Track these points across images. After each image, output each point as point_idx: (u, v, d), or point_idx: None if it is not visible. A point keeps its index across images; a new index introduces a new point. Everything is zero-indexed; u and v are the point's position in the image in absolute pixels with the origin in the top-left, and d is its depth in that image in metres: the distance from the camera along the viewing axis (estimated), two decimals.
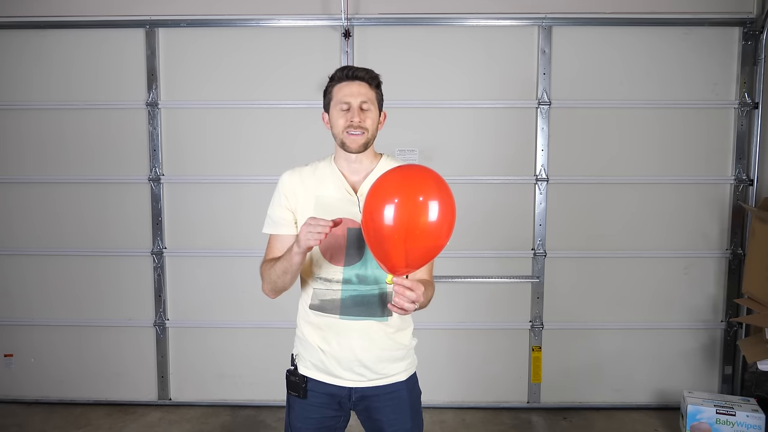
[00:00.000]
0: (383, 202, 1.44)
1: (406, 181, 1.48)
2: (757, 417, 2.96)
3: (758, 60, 3.23)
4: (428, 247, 1.47)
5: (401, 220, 1.42)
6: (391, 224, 1.42)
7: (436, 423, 3.29)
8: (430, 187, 1.46)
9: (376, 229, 1.45)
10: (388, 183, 1.48)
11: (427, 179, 1.48)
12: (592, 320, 3.44)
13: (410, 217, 1.43)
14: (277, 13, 3.28)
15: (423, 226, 1.43)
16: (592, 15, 3.25)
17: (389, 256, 1.46)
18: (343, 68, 1.72)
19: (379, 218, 1.43)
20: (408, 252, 1.45)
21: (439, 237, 1.47)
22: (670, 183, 3.36)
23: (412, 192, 1.45)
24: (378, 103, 1.73)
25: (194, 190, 3.40)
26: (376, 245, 1.47)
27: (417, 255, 1.47)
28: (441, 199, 1.45)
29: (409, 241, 1.43)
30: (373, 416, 1.77)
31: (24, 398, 3.54)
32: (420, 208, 1.43)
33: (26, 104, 3.39)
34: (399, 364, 1.76)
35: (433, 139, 3.35)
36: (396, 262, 1.46)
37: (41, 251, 3.46)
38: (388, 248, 1.45)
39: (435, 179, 1.48)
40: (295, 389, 1.76)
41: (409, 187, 1.46)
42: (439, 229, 1.45)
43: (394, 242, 1.44)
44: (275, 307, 3.35)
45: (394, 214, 1.42)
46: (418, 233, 1.43)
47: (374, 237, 1.47)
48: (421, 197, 1.44)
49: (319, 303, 1.72)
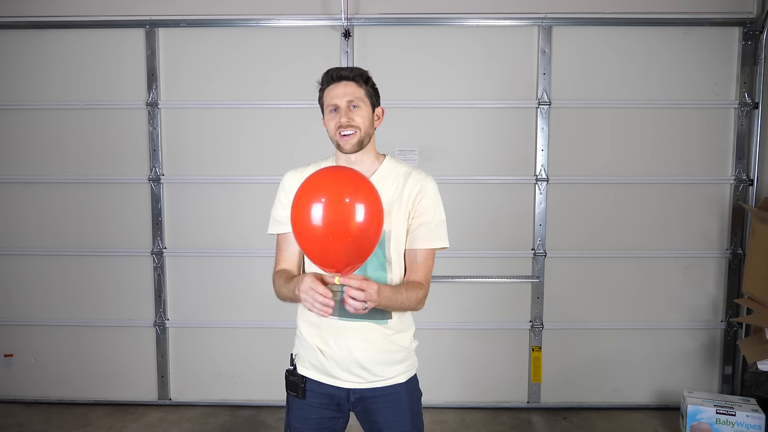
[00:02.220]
0: (312, 203, 1.43)
1: (333, 182, 1.48)
2: (757, 417, 2.96)
3: (758, 60, 3.23)
4: (362, 246, 1.47)
5: (332, 221, 1.42)
6: (322, 224, 1.42)
7: (436, 423, 3.29)
8: (355, 188, 1.46)
9: (307, 230, 1.45)
10: (315, 184, 1.48)
11: (352, 180, 1.48)
12: (592, 320, 3.44)
13: (340, 218, 1.42)
14: (277, 13, 3.28)
15: (353, 227, 1.43)
16: (592, 15, 3.25)
17: (328, 257, 1.46)
18: (328, 71, 1.71)
19: (308, 219, 1.43)
20: (344, 251, 1.44)
21: (368, 236, 1.47)
22: (670, 183, 3.36)
23: (340, 192, 1.45)
24: (370, 99, 1.71)
25: (194, 190, 3.40)
26: (311, 246, 1.47)
27: (352, 253, 1.46)
28: (368, 200, 1.45)
29: (341, 241, 1.43)
30: (371, 418, 1.76)
31: (24, 398, 3.54)
32: (348, 208, 1.43)
33: (26, 104, 3.39)
34: (398, 367, 1.75)
35: (433, 139, 3.35)
36: (335, 262, 1.46)
37: (41, 251, 3.46)
38: (324, 249, 1.45)
39: (360, 180, 1.49)
40: (294, 389, 1.76)
41: (336, 188, 1.46)
42: (368, 228, 1.45)
43: (329, 243, 1.43)
44: (275, 307, 3.35)
45: (325, 215, 1.42)
46: (349, 233, 1.43)
47: (306, 239, 1.46)
48: (347, 198, 1.43)
49: None
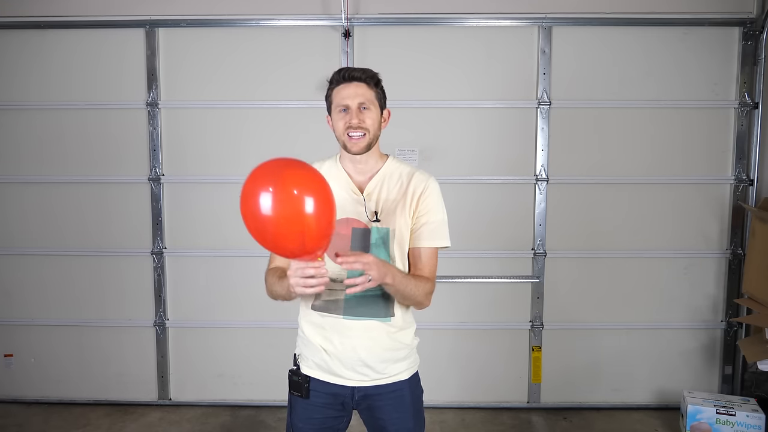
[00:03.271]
0: (269, 195, 1.40)
1: (282, 172, 1.45)
2: (757, 417, 2.96)
3: (758, 60, 3.23)
4: (323, 227, 1.44)
5: (284, 210, 1.39)
6: (275, 215, 1.39)
7: (436, 423, 3.29)
8: (300, 177, 1.44)
9: (259, 230, 1.43)
10: (263, 176, 1.44)
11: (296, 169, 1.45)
12: (592, 320, 3.44)
13: (292, 206, 1.40)
14: (277, 13, 3.28)
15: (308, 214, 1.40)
16: (592, 15, 3.25)
17: (303, 245, 1.43)
18: (339, 70, 1.72)
19: (266, 211, 1.40)
20: (303, 237, 1.42)
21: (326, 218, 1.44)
22: (670, 183, 3.36)
23: (287, 184, 1.42)
24: (379, 102, 1.72)
25: (194, 190, 3.40)
26: (266, 242, 1.44)
27: (314, 236, 1.43)
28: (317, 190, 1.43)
29: (291, 229, 1.40)
30: (375, 415, 1.77)
31: (24, 398, 3.54)
32: (298, 198, 1.40)
33: (26, 104, 3.39)
34: (401, 364, 1.76)
35: (433, 139, 3.35)
36: (306, 248, 1.44)
37: (41, 251, 3.46)
38: (290, 238, 1.42)
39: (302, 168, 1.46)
40: (298, 389, 1.76)
41: (285, 180, 1.43)
42: (317, 208, 1.42)
43: (281, 235, 1.41)
44: (275, 306, 3.33)
45: (275, 206, 1.39)
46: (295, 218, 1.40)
47: (261, 237, 1.44)
48: (295, 190, 1.41)
49: (321, 303, 1.71)
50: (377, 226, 1.70)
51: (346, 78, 1.69)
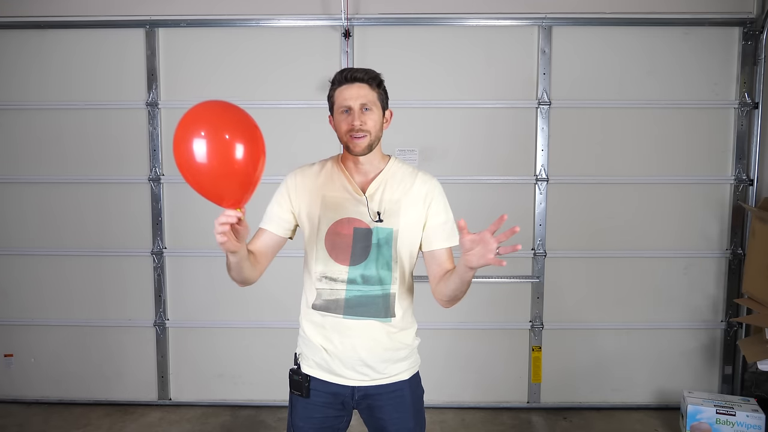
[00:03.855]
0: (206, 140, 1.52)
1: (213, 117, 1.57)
2: (757, 417, 2.96)
3: (758, 60, 3.23)
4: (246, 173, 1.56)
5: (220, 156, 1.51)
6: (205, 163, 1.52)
7: (436, 423, 3.29)
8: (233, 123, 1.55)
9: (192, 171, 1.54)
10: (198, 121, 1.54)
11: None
12: (592, 320, 3.44)
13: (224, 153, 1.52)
14: (277, 13, 3.28)
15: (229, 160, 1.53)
16: (592, 15, 3.25)
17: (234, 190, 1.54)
18: (342, 71, 1.72)
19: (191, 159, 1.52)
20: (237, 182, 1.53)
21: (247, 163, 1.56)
22: (670, 183, 3.36)
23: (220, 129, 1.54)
24: (381, 103, 1.72)
25: (194, 190, 3.39)
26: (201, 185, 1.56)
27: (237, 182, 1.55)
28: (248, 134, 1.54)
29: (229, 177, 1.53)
30: (375, 415, 1.77)
31: (24, 398, 3.54)
32: (229, 145, 1.52)
33: (25, 104, 3.39)
34: (402, 364, 1.76)
35: (433, 139, 3.35)
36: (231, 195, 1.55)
37: (40, 251, 3.46)
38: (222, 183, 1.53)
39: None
40: (298, 388, 1.77)
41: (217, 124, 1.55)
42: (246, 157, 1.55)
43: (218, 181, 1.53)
44: (275, 306, 3.38)
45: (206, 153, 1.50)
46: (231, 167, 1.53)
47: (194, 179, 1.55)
48: (227, 135, 1.53)
49: (322, 302, 1.72)
50: (380, 227, 1.70)
51: (349, 79, 1.69)
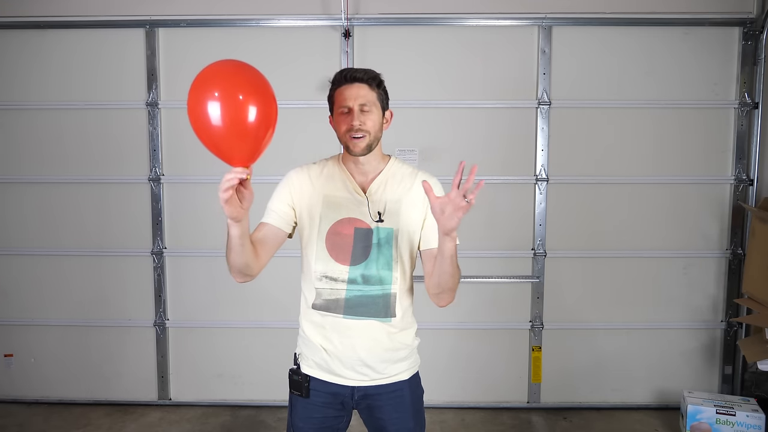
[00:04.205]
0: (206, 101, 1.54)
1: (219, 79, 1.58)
2: (757, 417, 2.96)
3: (758, 60, 3.23)
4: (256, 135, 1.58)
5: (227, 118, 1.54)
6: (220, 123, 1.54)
7: (436, 423, 3.29)
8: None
9: (205, 129, 1.56)
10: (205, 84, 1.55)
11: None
12: (592, 320, 3.44)
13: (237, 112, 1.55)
14: (277, 13, 3.28)
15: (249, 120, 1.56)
16: (592, 15, 3.25)
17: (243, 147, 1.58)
18: (342, 71, 1.72)
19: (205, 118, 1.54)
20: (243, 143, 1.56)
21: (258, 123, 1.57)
22: (670, 183, 3.36)
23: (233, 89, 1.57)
24: (381, 103, 1.72)
25: (194, 190, 3.40)
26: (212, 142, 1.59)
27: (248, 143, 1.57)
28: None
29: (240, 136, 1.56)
30: (375, 415, 1.77)
31: (24, 398, 3.54)
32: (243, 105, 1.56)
33: (26, 104, 3.39)
34: (401, 364, 1.76)
35: (433, 139, 3.35)
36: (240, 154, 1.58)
37: (40, 251, 3.46)
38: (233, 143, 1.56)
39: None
40: (298, 388, 1.76)
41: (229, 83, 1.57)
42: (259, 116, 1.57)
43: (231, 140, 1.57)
44: (275, 306, 3.37)
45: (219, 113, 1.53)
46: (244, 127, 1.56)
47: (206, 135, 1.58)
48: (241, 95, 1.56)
49: (322, 302, 1.71)
50: (380, 227, 1.70)
51: (348, 79, 1.69)
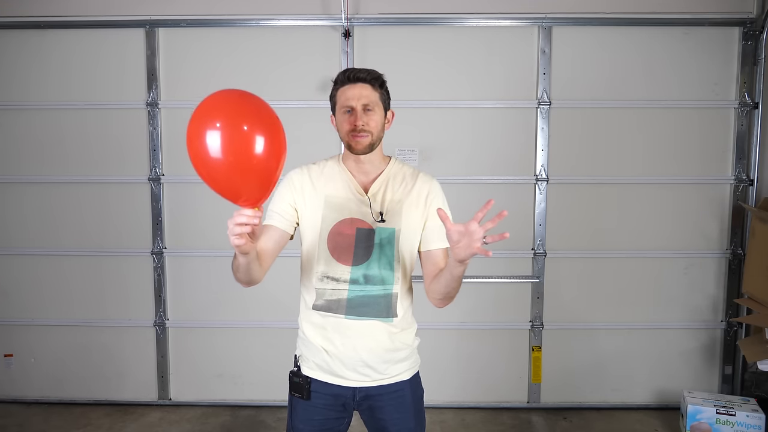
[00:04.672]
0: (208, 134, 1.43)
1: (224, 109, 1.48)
2: (757, 417, 2.96)
3: (758, 60, 3.23)
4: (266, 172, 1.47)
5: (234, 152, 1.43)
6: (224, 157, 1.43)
7: (436, 423, 3.29)
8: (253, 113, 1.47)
9: (208, 165, 1.46)
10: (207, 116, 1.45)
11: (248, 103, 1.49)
12: (592, 320, 3.44)
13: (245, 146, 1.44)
14: (277, 13, 3.28)
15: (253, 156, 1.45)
16: (592, 15, 3.25)
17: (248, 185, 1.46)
18: (345, 71, 1.72)
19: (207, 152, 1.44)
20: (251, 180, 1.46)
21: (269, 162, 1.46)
22: (670, 183, 3.36)
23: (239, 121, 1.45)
24: (383, 103, 1.73)
25: (194, 190, 3.40)
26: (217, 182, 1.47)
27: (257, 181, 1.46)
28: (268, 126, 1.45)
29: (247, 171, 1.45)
30: (376, 415, 1.77)
31: (24, 398, 3.54)
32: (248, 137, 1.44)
33: (25, 104, 3.39)
34: (402, 364, 1.76)
35: (433, 139, 3.35)
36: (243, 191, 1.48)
37: (40, 251, 3.46)
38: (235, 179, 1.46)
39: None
40: (299, 390, 1.75)
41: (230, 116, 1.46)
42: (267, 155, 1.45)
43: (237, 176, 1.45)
44: (275, 306, 3.37)
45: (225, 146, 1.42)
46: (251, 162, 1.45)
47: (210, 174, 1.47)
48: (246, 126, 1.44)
49: (324, 303, 1.71)
50: (382, 227, 1.70)
51: (351, 79, 1.69)
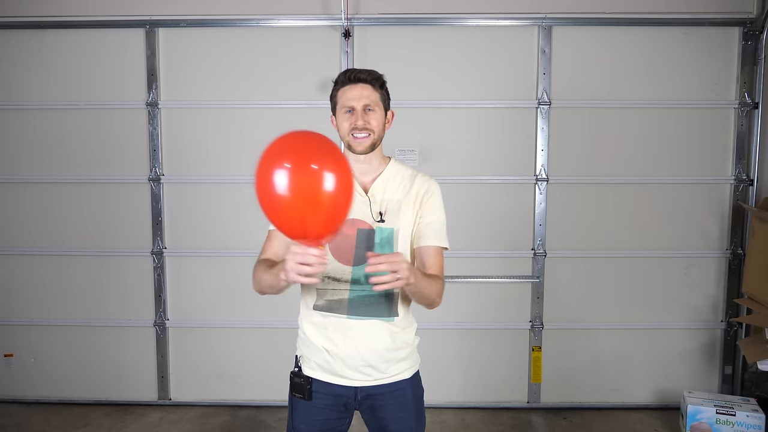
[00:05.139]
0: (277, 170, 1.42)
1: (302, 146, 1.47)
2: (757, 417, 2.96)
3: (758, 60, 3.23)
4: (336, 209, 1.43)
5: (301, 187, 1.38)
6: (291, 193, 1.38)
7: (436, 423, 3.29)
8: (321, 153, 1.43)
9: (276, 202, 1.40)
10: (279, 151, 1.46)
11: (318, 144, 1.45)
12: (592, 320, 3.44)
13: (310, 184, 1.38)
14: (277, 13, 3.28)
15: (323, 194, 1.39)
16: (592, 15, 3.25)
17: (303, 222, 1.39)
18: (345, 72, 1.73)
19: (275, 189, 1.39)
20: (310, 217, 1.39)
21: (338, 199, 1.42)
22: (670, 183, 3.36)
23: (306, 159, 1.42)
24: (383, 103, 1.74)
25: (194, 190, 3.40)
26: (281, 219, 1.42)
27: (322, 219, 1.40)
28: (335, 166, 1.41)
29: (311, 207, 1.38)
30: (377, 415, 1.76)
31: (24, 398, 3.54)
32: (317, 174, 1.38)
33: (25, 104, 3.39)
34: (403, 363, 1.76)
35: (433, 139, 3.34)
36: (312, 229, 1.40)
37: (41, 251, 3.46)
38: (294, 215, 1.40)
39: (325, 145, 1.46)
40: (300, 391, 1.75)
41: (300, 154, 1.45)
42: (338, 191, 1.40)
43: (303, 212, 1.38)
44: (276, 306, 3.37)
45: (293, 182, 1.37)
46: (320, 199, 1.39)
47: (276, 211, 1.42)
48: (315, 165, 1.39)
49: (324, 303, 1.71)
50: (382, 227, 1.70)
51: (352, 79, 1.70)
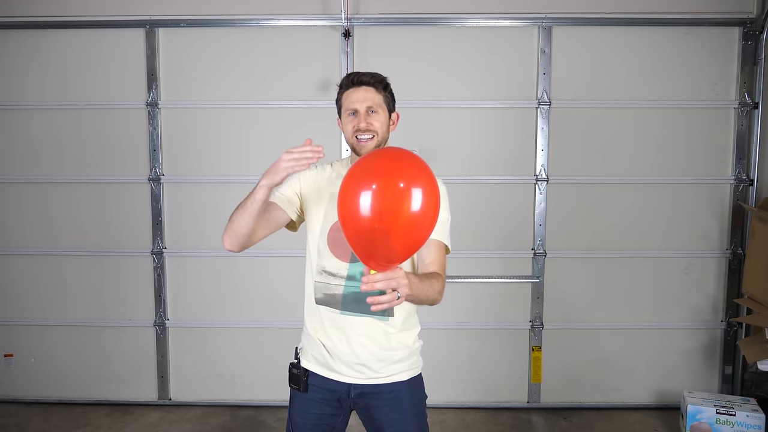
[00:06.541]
0: (369, 191, 1.34)
1: (388, 165, 1.40)
2: (757, 417, 2.96)
3: (758, 60, 3.23)
4: (414, 238, 1.40)
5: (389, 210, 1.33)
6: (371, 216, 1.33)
7: (436, 423, 3.29)
8: (411, 171, 1.38)
9: (357, 220, 1.36)
10: (366, 169, 1.39)
11: (408, 162, 1.41)
12: (592, 320, 3.44)
13: (395, 206, 1.34)
14: (277, 13, 3.28)
15: (407, 216, 1.34)
16: (592, 15, 3.25)
17: (380, 249, 1.36)
18: (349, 75, 1.76)
19: (360, 208, 1.34)
20: (390, 244, 1.36)
21: (423, 227, 1.40)
22: (670, 183, 3.36)
23: (394, 178, 1.35)
24: (387, 105, 1.76)
25: (194, 190, 3.40)
26: (359, 238, 1.38)
27: (400, 247, 1.38)
28: (425, 185, 1.37)
29: (393, 232, 1.34)
30: (372, 416, 1.77)
31: (24, 398, 3.54)
32: (403, 195, 1.34)
33: (25, 104, 3.39)
34: (399, 365, 1.76)
35: (433, 139, 3.34)
36: (383, 255, 1.37)
37: (40, 251, 3.46)
38: (375, 241, 1.36)
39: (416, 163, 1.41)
40: (296, 382, 1.78)
41: (390, 173, 1.37)
42: (424, 217, 1.38)
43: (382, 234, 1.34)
44: (275, 306, 3.38)
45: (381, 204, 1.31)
46: (402, 223, 1.35)
47: (356, 229, 1.37)
48: (402, 183, 1.34)
49: (322, 296, 1.74)
50: None
51: (355, 82, 1.73)
